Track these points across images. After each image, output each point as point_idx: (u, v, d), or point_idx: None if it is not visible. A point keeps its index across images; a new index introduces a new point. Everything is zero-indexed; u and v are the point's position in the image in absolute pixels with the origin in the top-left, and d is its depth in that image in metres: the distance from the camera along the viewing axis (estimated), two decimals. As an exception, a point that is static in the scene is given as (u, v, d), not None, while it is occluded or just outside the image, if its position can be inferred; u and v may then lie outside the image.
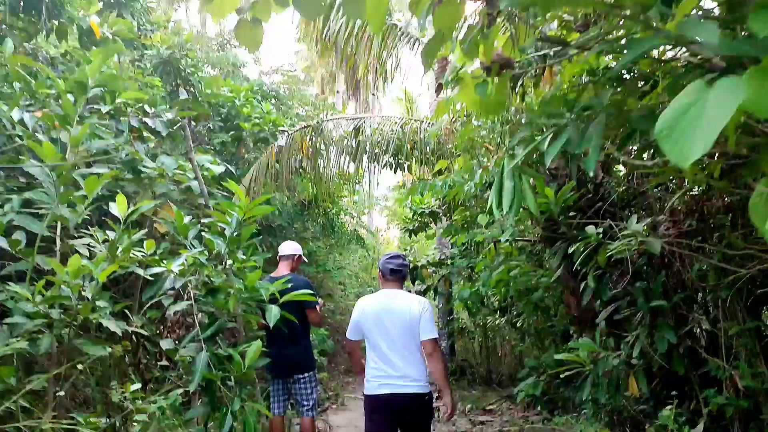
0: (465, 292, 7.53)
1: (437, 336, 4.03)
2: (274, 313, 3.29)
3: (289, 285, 3.69)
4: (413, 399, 3.83)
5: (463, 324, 12.42)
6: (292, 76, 16.29)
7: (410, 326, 3.89)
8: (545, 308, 6.18)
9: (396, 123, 7.13)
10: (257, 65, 16.15)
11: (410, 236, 11.36)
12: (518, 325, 6.35)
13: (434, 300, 11.85)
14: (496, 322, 7.30)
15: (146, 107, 5.04)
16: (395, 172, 10.00)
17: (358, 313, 4.09)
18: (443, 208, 10.22)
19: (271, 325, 3.30)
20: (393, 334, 3.89)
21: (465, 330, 12.39)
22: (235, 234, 3.57)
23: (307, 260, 5.71)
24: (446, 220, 10.61)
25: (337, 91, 30.85)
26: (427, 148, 7.48)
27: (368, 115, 8.49)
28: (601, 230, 2.96)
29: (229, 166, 7.84)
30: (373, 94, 36.10)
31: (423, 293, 9.54)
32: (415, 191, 4.77)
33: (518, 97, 3.39)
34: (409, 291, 6.79)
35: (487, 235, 6.78)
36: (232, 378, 3.18)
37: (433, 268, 9.23)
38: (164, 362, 3.73)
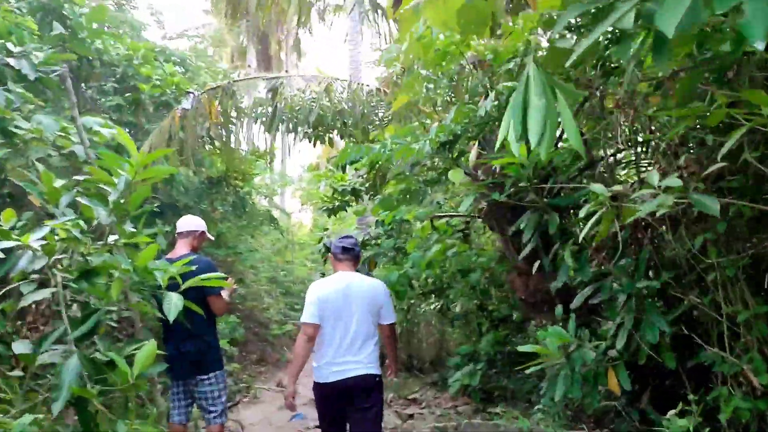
0: (393, 275, 6.88)
1: (395, 319, 4.08)
2: (174, 302, 2.48)
3: (193, 267, 2.84)
4: (369, 379, 3.79)
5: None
6: (200, 50, 15.00)
7: (373, 310, 3.88)
8: (483, 290, 5.65)
9: (320, 83, 6.30)
10: (160, 29, 14.71)
11: (329, 216, 10.60)
12: (456, 309, 5.78)
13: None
14: (425, 307, 6.69)
15: (10, 45, 4.02)
16: (315, 145, 9.20)
17: (315, 296, 3.85)
18: (367, 185, 9.54)
19: (171, 318, 2.49)
20: (355, 318, 3.80)
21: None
22: (122, 200, 2.71)
23: (213, 239, 4.80)
24: (369, 199, 9.95)
25: (249, 66, 29.41)
26: (356, 112, 6.72)
27: (288, 74, 7.62)
28: (607, 191, 2.37)
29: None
30: (286, 71, 34.84)
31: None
32: (345, 157, 4.03)
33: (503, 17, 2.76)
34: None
35: (421, 212, 6.17)
36: (117, 391, 2.34)
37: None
38: (22, 371, 2.79)
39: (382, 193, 8.74)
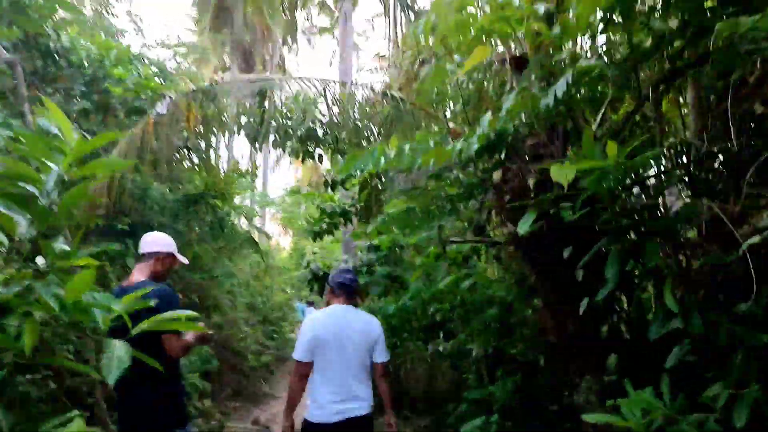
0: (389, 308, 6.08)
1: (389, 358, 3.99)
2: (117, 355, 1.65)
3: (151, 303, 1.98)
4: (362, 420, 3.72)
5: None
6: (181, 55, 14.20)
7: (368, 347, 3.81)
8: (505, 330, 4.86)
9: (317, 86, 5.51)
10: (139, 36, 13.84)
11: (314, 239, 9.77)
12: (468, 349, 4.97)
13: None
14: (433, 347, 5.88)
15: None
16: (303, 161, 8.41)
17: (312, 331, 3.73)
18: (358, 206, 8.74)
19: (111, 381, 1.66)
20: (350, 354, 3.73)
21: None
22: (52, 205, 1.89)
23: (187, 262, 3.86)
24: (359, 222, 9.15)
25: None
26: (350, 123, 5.94)
27: (279, 77, 6.85)
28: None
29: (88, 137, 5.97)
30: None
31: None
32: (351, 165, 3.25)
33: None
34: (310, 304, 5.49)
35: (423, 237, 5.39)
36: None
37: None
38: None
39: (375, 215, 7.97)
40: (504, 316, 4.85)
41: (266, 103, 5.46)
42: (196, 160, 11.27)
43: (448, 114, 4.70)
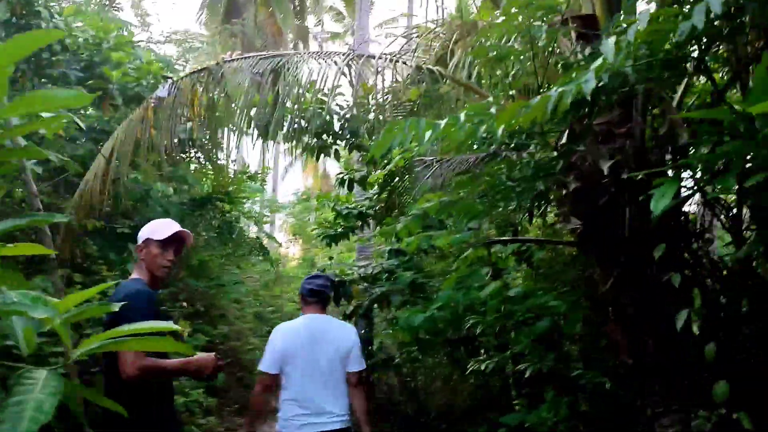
0: (416, 318, 5.37)
1: (364, 366, 3.80)
2: (36, 399, 0.99)
3: (114, 308, 1.30)
4: None
5: (384, 354, 10.22)
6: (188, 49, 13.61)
7: (341, 357, 3.63)
8: (553, 346, 4.14)
9: (335, 62, 4.75)
10: (145, 31, 13.30)
11: (329, 245, 9.07)
12: (521, 369, 4.22)
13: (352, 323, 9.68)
14: (474, 365, 5.14)
15: None
16: (317, 158, 7.74)
17: (280, 342, 3.60)
18: (377, 208, 8.05)
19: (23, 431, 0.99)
20: (323, 366, 3.57)
21: (389, 360, 10.16)
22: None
23: (181, 254, 3.08)
24: (377, 225, 8.46)
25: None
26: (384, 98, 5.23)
27: (294, 52, 6.18)
28: None
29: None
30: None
31: (349, 316, 7.31)
32: (387, 141, 2.57)
33: None
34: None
35: (458, 238, 4.70)
36: None
37: (365, 285, 7.02)
38: None
39: (398, 216, 7.29)
40: (554, 329, 4.14)
41: (279, 86, 4.78)
42: (201, 157, 10.67)
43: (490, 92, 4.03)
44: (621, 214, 2.93)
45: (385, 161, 7.24)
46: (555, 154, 2.92)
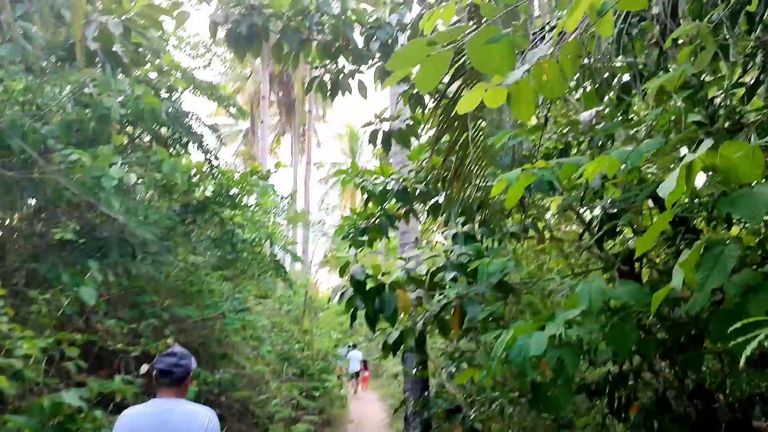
0: (536, 337, 2.50)
1: None
2: None
3: None
4: None
5: (445, 402, 7.22)
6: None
7: None
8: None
9: None
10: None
11: (359, 246, 6.22)
12: None
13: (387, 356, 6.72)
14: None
15: None
16: (331, 97, 4.98)
17: (122, 427, 3.26)
18: (433, 180, 5.17)
19: None
20: None
21: (455, 413, 7.12)
22: None
23: None
24: (428, 210, 5.62)
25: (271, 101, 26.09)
26: None
27: None
28: None
29: None
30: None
31: (393, 347, 4.45)
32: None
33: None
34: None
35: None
36: None
37: (418, 290, 4.15)
38: None
39: (460, 194, 4.47)
40: None
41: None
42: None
43: None
44: None
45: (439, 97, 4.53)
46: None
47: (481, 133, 4.35)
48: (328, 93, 4.73)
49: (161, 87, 7.68)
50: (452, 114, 4.36)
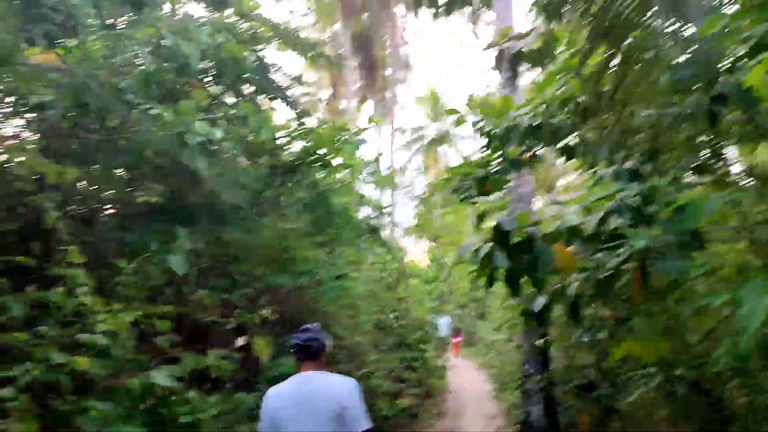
0: None
1: (371, 425, 3.28)
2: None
3: None
4: None
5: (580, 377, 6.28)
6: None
7: (336, 417, 3.23)
8: None
9: None
10: None
11: (470, 199, 5.32)
12: None
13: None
14: None
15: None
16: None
17: (267, 407, 3.39)
18: (572, 111, 4.17)
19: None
20: (314, 428, 3.21)
21: (586, 383, 6.16)
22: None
23: None
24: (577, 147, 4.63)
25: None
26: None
27: None
28: None
29: None
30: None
31: (537, 316, 3.60)
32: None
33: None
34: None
35: None
36: None
37: (583, 249, 3.21)
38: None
39: (614, 126, 3.50)
40: None
41: None
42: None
43: None
44: None
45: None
46: None
47: (646, 43, 3.34)
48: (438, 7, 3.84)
49: (244, 36, 7.02)
50: (608, 19, 3.38)
